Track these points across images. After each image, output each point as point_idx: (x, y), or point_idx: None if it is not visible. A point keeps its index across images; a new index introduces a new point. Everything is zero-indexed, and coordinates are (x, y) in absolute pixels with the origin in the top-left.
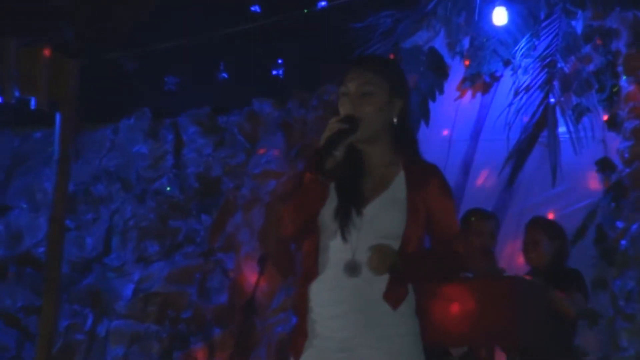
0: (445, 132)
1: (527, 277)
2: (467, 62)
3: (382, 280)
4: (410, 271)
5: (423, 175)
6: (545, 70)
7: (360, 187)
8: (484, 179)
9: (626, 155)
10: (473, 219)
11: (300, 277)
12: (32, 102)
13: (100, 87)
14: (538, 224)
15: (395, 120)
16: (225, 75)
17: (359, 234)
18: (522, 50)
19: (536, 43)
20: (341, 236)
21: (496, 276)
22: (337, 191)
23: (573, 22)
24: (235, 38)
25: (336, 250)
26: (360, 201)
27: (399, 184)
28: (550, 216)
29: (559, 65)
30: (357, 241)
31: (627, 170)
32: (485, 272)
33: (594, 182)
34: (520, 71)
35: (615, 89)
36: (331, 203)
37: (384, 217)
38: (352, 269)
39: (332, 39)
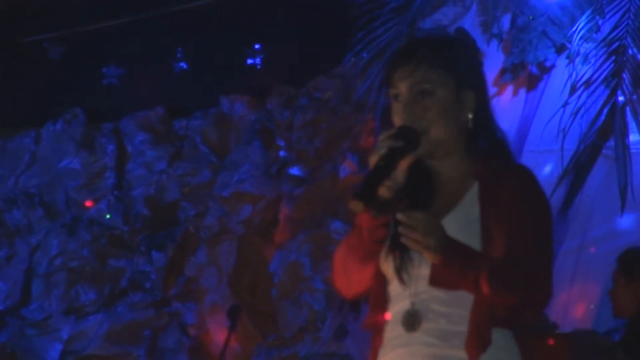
0: None
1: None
2: (507, 48)
3: (457, 327)
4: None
5: (501, 182)
6: (612, 58)
7: (427, 211)
8: None
9: None
10: None
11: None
12: None
13: (16, 81)
14: (619, 260)
15: (470, 119)
16: (183, 65)
17: (419, 273)
18: (581, 33)
19: (600, 23)
20: (397, 279)
21: (546, 332)
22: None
23: None
24: (197, 14)
25: (397, 299)
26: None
27: (470, 201)
28: None
29: (630, 52)
30: (417, 284)
31: None
32: (532, 326)
33: None
34: (578, 60)
35: None
36: None
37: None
38: (409, 320)
39: (327, 16)
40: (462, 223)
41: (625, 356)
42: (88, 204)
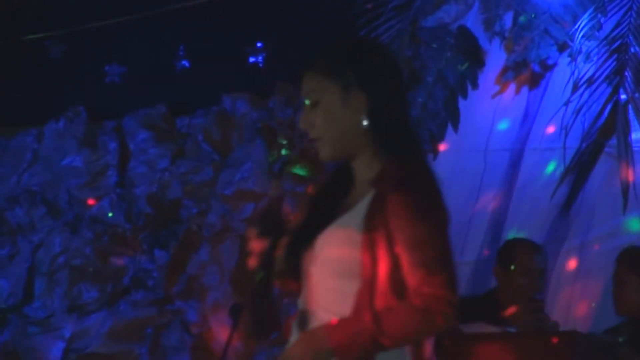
0: (479, 140)
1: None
2: (509, 46)
3: None
4: (343, 348)
5: (387, 191)
6: (614, 56)
7: (325, 215)
8: (531, 200)
9: None
10: (515, 253)
11: None
12: None
13: (18, 79)
14: (626, 258)
15: (363, 121)
16: (186, 63)
17: (312, 272)
18: (583, 31)
19: (602, 20)
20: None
21: (546, 331)
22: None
23: None
24: (199, 12)
25: (299, 303)
26: (314, 232)
27: (360, 209)
28: None
29: (632, 50)
30: (313, 285)
31: None
32: (532, 326)
33: None
34: (580, 58)
35: None
36: None
37: (331, 249)
38: (301, 322)
39: (330, 16)
40: (346, 230)
41: (634, 355)
42: (91, 202)
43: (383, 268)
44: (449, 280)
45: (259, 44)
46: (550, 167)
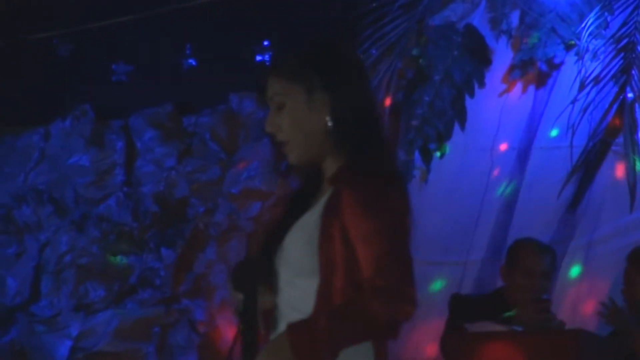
0: (486, 139)
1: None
2: (516, 45)
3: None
4: (301, 350)
5: (341, 188)
6: (621, 55)
7: (294, 216)
8: (538, 199)
9: None
10: (520, 254)
11: None
12: None
13: (25, 78)
14: (636, 258)
15: (328, 121)
16: (192, 61)
17: (280, 274)
18: (590, 29)
19: (609, 19)
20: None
21: (553, 330)
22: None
23: None
24: (206, 11)
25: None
26: (284, 233)
27: (319, 207)
28: None
29: (638, 48)
30: (283, 285)
31: None
32: (537, 325)
33: None
34: (587, 57)
35: None
36: None
37: (293, 248)
38: (273, 322)
39: (336, 14)
40: (303, 228)
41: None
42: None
43: (340, 264)
44: (403, 273)
45: (265, 43)
46: (557, 166)
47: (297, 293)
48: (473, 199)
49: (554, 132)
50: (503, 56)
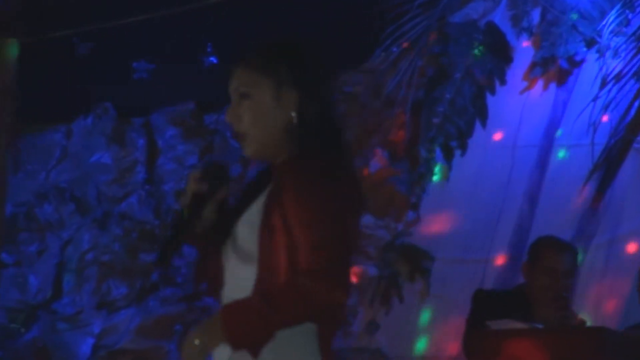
0: (508, 136)
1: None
2: (537, 42)
3: None
4: (233, 330)
5: (283, 177)
6: None
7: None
8: (559, 197)
9: None
10: (541, 252)
11: None
12: None
13: (46, 76)
14: None
15: (294, 118)
16: (214, 59)
17: (230, 266)
18: (611, 26)
19: (630, 16)
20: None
21: (574, 328)
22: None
23: None
24: (227, 9)
25: None
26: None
27: (263, 197)
28: None
29: None
30: (229, 277)
31: None
32: (558, 323)
33: None
34: (608, 54)
35: None
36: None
37: (241, 235)
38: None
39: (357, 10)
40: (248, 222)
41: None
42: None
43: (280, 251)
44: (336, 259)
45: None
46: (579, 164)
47: (241, 283)
48: (494, 196)
49: (559, 132)
50: (524, 54)
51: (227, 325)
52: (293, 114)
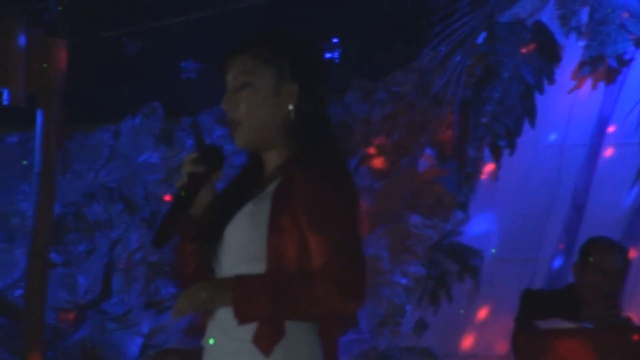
0: (556, 135)
1: None
2: (585, 41)
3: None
4: (240, 297)
5: (297, 180)
6: None
7: (233, 206)
8: (609, 197)
9: None
10: (593, 252)
11: None
12: (5, 96)
13: (95, 76)
14: None
15: (291, 111)
16: None
17: (222, 260)
18: None
19: None
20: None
21: (622, 326)
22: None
23: None
24: (274, 8)
25: None
26: (223, 223)
27: (267, 195)
28: None
29: None
30: (224, 274)
31: None
32: (605, 321)
33: None
34: None
35: None
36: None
37: (238, 236)
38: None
39: (404, 11)
40: (251, 215)
41: None
42: (167, 198)
43: (290, 250)
44: (354, 264)
45: (334, 40)
46: (627, 162)
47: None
48: (543, 195)
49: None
50: (573, 53)
51: (236, 290)
52: (291, 107)
